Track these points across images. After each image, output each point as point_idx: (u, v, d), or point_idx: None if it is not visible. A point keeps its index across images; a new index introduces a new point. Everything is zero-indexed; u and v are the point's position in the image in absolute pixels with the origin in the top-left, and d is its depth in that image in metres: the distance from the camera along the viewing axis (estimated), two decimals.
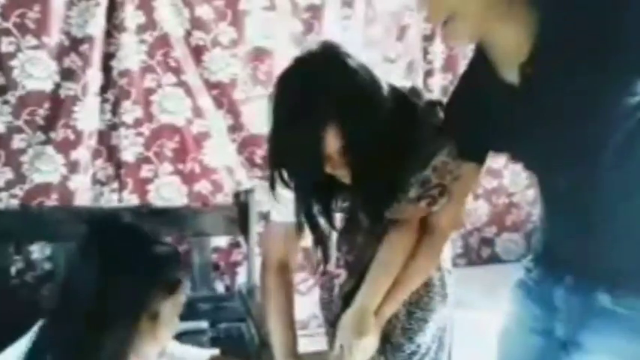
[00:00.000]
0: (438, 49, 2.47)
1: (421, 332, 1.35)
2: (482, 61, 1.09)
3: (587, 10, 0.93)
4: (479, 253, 2.72)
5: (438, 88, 2.49)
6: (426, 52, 2.48)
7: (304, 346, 2.37)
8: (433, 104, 1.23)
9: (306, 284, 2.40)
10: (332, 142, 1.08)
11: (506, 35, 1.00)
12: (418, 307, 1.33)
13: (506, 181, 2.70)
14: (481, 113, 1.11)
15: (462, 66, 2.53)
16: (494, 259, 2.75)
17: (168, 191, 2.17)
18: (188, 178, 2.19)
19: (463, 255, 2.68)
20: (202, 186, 2.21)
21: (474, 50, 1.16)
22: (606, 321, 1.06)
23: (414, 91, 1.24)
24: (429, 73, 2.49)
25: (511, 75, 1.03)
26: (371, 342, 1.21)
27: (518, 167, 2.75)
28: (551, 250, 1.18)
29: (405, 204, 1.22)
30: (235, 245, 2.28)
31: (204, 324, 1.97)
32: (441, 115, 1.23)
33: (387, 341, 1.33)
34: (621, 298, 1.05)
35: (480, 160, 1.23)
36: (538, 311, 1.19)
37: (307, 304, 2.43)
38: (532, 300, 1.20)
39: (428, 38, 2.46)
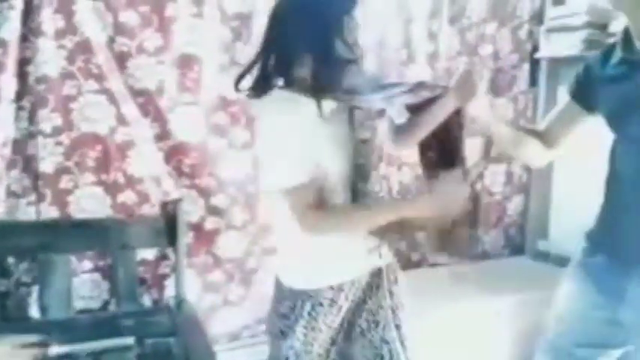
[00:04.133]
0: (367, 59, 2.51)
1: None
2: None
3: None
4: (409, 258, 2.79)
5: None
6: None
7: (236, 357, 2.37)
8: None
9: (236, 294, 2.37)
10: None
11: None
12: None
13: None
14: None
15: (391, 76, 2.65)
16: (424, 262, 2.84)
17: (90, 203, 2.08)
18: (111, 189, 2.11)
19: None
20: (127, 197, 2.14)
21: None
22: None
23: None
24: None
25: None
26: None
27: None
28: (621, 241, 1.33)
29: None
30: (163, 258, 2.22)
31: (129, 340, 1.90)
32: None
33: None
34: None
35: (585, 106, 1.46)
36: (602, 298, 1.35)
37: (238, 315, 2.40)
38: (596, 286, 1.36)
39: None
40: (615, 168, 1.39)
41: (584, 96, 1.45)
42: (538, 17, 2.88)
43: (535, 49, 2.88)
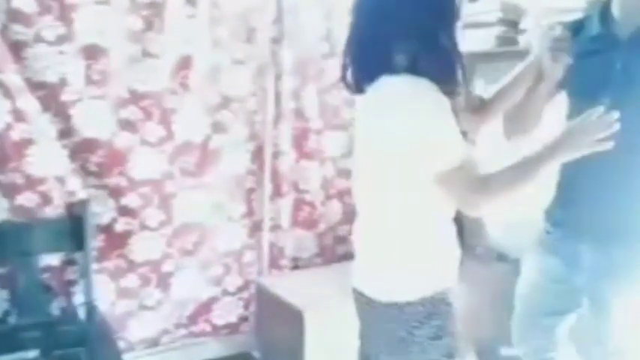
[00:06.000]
0: (286, 52, 2.46)
1: None
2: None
3: None
4: (334, 251, 2.78)
5: (288, 91, 2.49)
6: (275, 54, 2.46)
7: None
8: None
9: (152, 298, 2.26)
10: None
11: None
12: None
13: None
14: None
15: (312, 70, 2.62)
16: (349, 256, 2.83)
17: None
18: (9, 190, 1.94)
19: (319, 254, 2.72)
20: (26, 198, 1.98)
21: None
22: (619, 271, 1.37)
23: None
24: (278, 76, 2.47)
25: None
26: None
27: None
28: (574, 212, 1.43)
29: None
30: (69, 263, 2.08)
31: (32, 353, 1.77)
32: None
33: None
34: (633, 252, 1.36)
35: None
36: (561, 268, 1.47)
37: (156, 320, 2.30)
38: (554, 255, 1.48)
39: (276, 41, 2.44)
40: None
41: None
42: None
43: None
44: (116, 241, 2.17)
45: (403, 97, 1.15)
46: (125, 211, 2.17)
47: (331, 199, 2.73)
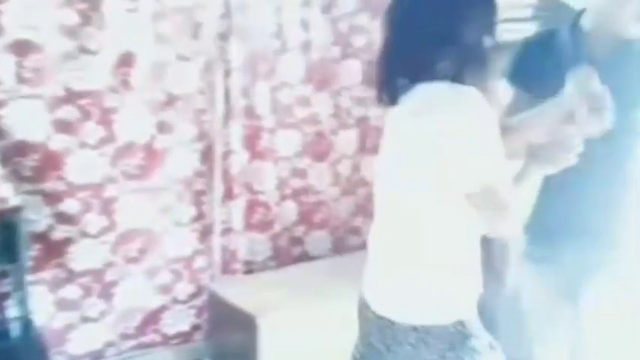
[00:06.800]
0: (235, 47, 2.37)
1: None
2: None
3: None
4: (289, 253, 2.72)
5: (237, 88, 2.40)
6: (223, 51, 2.37)
7: None
8: None
9: (96, 309, 2.14)
10: None
11: None
12: None
13: (312, 181, 2.73)
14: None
15: (262, 66, 2.55)
16: (305, 257, 2.77)
17: None
18: None
19: (273, 257, 2.65)
20: None
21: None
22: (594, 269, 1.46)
23: None
24: (227, 73, 2.38)
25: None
26: None
27: (324, 166, 2.88)
28: (548, 220, 1.48)
29: None
30: (2, 275, 1.95)
31: None
32: None
33: None
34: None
35: None
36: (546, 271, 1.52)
37: (100, 332, 2.18)
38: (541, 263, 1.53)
39: (224, 36, 2.35)
40: None
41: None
42: None
43: None
44: (54, 249, 2.04)
45: (449, 102, 1.09)
46: (63, 218, 2.05)
47: (286, 199, 2.66)
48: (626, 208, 1.49)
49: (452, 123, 1.07)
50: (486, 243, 1.21)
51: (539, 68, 1.43)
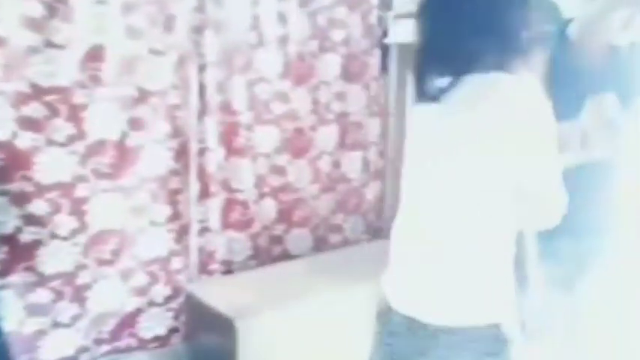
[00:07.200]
0: (209, 41, 2.31)
1: None
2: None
3: None
4: (269, 253, 2.66)
5: (212, 83, 2.33)
6: (197, 44, 2.30)
7: None
8: None
9: (68, 314, 2.06)
10: None
11: None
12: None
13: (291, 178, 2.68)
14: None
15: (239, 61, 2.48)
16: (285, 256, 2.72)
17: None
18: None
19: (253, 256, 2.59)
20: None
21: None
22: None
23: None
24: (202, 68, 2.32)
25: None
26: None
27: (303, 163, 2.84)
28: None
29: None
30: None
31: None
32: None
33: None
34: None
35: None
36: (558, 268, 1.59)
37: (73, 337, 2.11)
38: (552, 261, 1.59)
39: (198, 30, 2.28)
40: None
41: None
42: (387, 3, 2.87)
43: (385, 34, 2.87)
44: (22, 252, 1.95)
45: (511, 90, 1.05)
46: (31, 220, 1.96)
47: (265, 197, 2.61)
48: (620, 205, 1.60)
49: (516, 111, 1.04)
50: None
51: None
